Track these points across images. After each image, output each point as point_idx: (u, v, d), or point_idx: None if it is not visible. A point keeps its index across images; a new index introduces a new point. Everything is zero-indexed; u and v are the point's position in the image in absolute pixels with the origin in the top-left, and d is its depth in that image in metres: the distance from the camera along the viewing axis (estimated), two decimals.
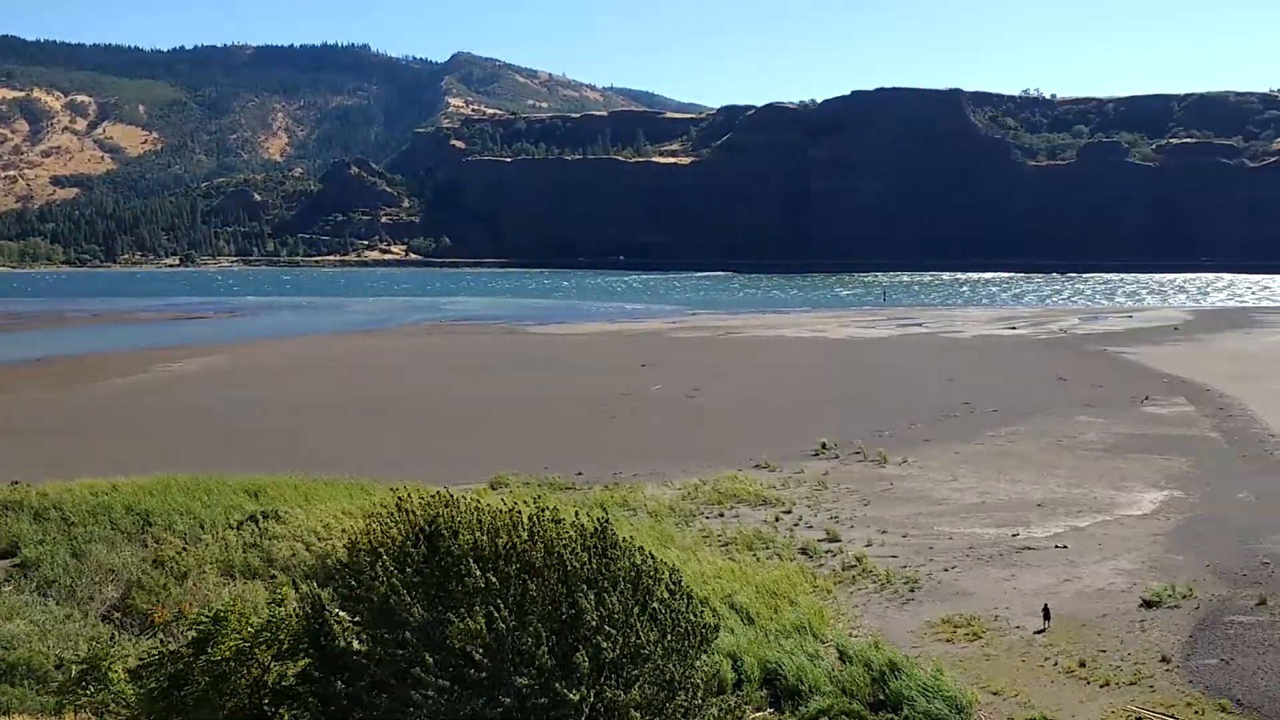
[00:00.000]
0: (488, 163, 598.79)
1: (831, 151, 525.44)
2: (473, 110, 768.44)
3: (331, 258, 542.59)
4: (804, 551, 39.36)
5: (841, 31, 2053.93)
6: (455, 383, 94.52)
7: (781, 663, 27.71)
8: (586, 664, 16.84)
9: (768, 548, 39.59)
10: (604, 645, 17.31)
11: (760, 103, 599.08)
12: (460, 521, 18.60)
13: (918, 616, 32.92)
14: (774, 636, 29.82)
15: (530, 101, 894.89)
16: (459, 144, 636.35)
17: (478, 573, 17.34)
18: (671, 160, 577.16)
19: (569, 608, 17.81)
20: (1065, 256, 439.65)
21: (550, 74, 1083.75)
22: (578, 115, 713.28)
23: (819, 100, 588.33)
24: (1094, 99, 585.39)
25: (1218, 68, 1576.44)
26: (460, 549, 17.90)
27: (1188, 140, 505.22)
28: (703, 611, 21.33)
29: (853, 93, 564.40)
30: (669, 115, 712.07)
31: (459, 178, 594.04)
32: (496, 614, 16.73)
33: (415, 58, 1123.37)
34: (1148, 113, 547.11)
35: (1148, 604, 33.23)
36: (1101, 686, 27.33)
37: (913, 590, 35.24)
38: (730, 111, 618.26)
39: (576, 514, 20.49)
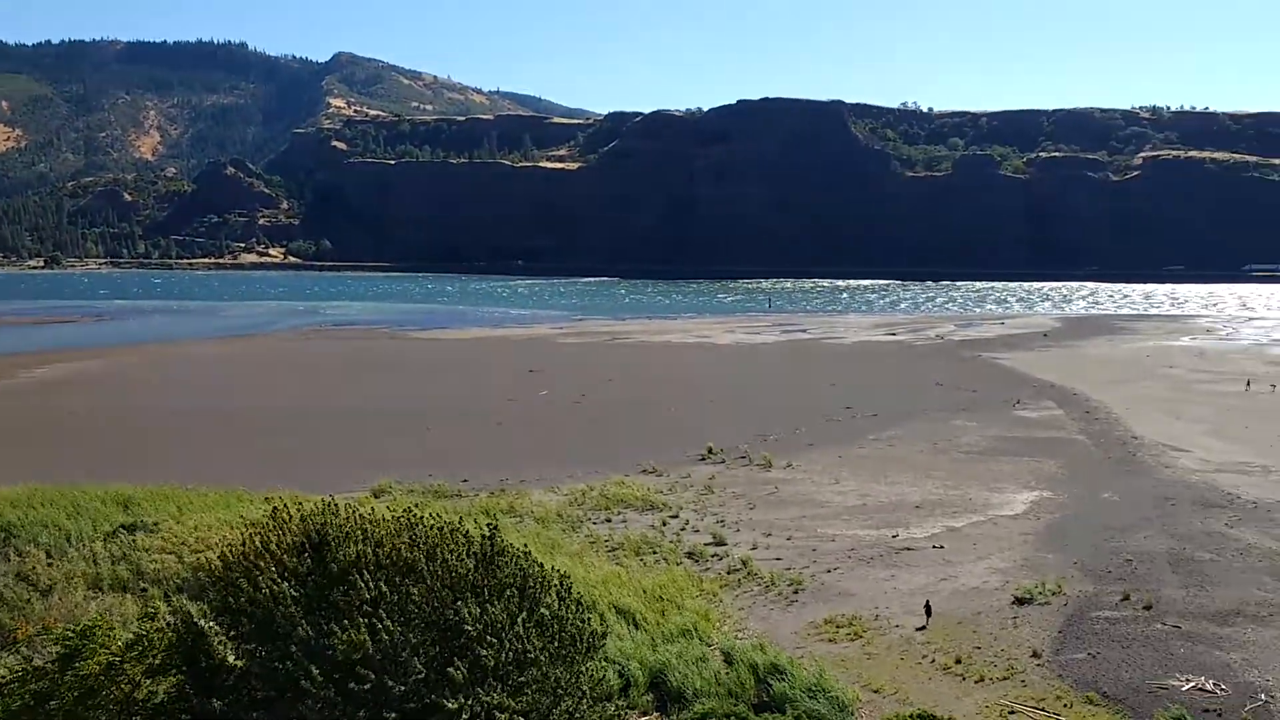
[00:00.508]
0: (371, 165, 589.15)
1: (718, 160, 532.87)
2: (355, 111, 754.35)
3: (206, 260, 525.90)
4: (691, 556, 39.57)
5: (727, 42, 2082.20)
6: (335, 389, 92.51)
7: (668, 666, 27.77)
8: (465, 672, 16.59)
9: (655, 552, 39.69)
10: (485, 653, 17.11)
11: (647, 110, 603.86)
12: (345, 531, 18.15)
13: (802, 617, 33.39)
14: (661, 641, 29.84)
15: (414, 104, 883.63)
16: (340, 145, 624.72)
17: (364, 583, 16.95)
18: (559, 165, 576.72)
19: (453, 615, 17.56)
20: (942, 265, 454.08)
21: (435, 76, 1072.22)
22: (463, 118, 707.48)
23: (705, 109, 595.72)
24: (969, 113, 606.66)
25: (1084, 85, 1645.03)
26: (345, 559, 17.47)
27: (1056, 154, 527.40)
28: (590, 618, 21.29)
29: (739, 102, 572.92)
30: (556, 120, 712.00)
31: (340, 180, 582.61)
32: (380, 624, 16.36)
33: (295, 57, 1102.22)
34: (1019, 127, 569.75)
35: (1020, 601, 34.37)
36: (977, 682, 28.13)
37: (797, 592, 35.74)
38: (618, 118, 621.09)
39: (461, 521, 20.19)
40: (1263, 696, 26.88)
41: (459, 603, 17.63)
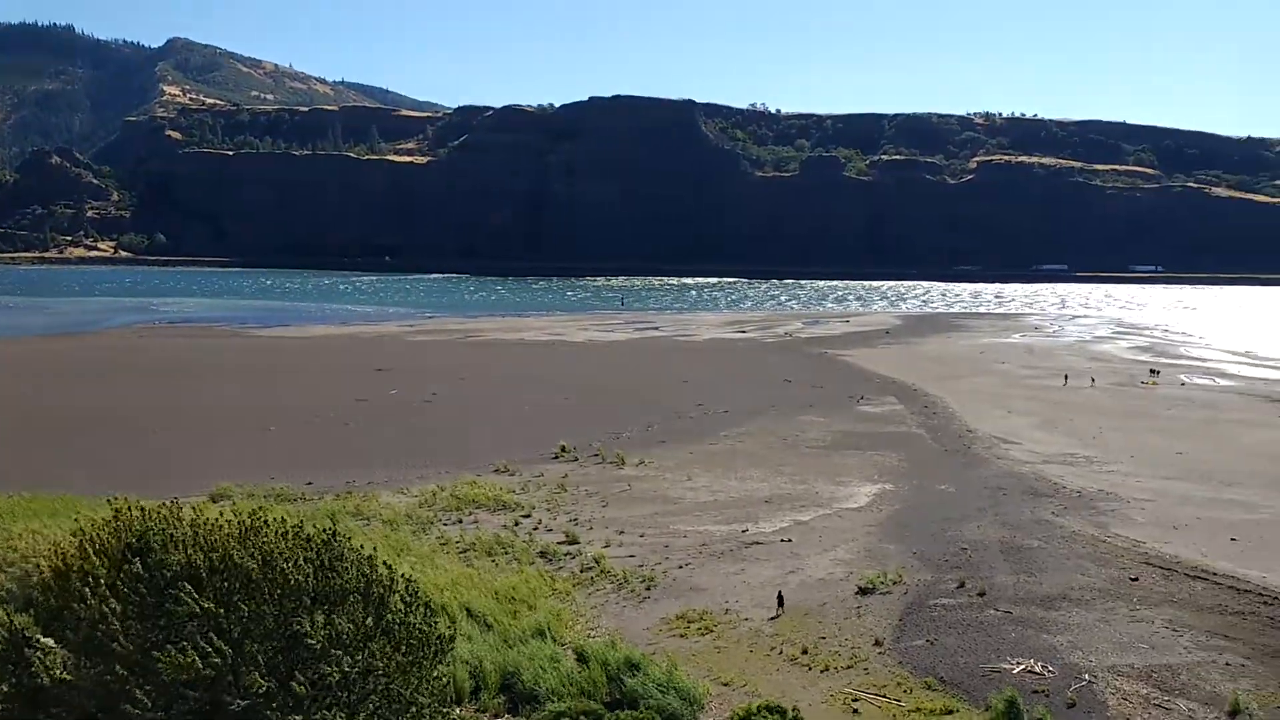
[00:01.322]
0: (208, 156, 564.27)
1: (570, 156, 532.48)
2: (190, 100, 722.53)
3: (29, 255, 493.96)
4: (543, 555, 39.39)
5: (580, 38, 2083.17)
6: (171, 389, 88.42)
7: (520, 667, 27.56)
8: (308, 686, 16.03)
9: (507, 553, 39.36)
10: (329, 665, 16.58)
11: (499, 104, 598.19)
12: (174, 537, 17.27)
13: (654, 614, 33.62)
14: (513, 642, 29.60)
15: (254, 93, 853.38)
16: (175, 135, 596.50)
17: (192, 597, 16.16)
18: (408, 159, 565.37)
19: (295, 625, 16.95)
20: (789, 263, 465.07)
21: (276, 64, 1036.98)
22: (306, 109, 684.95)
23: (557, 104, 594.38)
24: (815, 115, 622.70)
25: (922, 91, 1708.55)
26: (174, 568, 16.63)
27: (897, 157, 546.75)
28: (438, 622, 20.90)
29: (590, 98, 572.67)
30: (404, 113, 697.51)
31: (175, 171, 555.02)
32: (213, 641, 15.62)
33: (126, 41, 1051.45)
34: (862, 130, 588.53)
35: (863, 591, 35.45)
36: (822, 671, 28.86)
37: (649, 588, 35.97)
38: (468, 111, 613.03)
39: (301, 525, 19.50)
40: (1086, 677, 28.38)
41: (300, 612, 17.02)
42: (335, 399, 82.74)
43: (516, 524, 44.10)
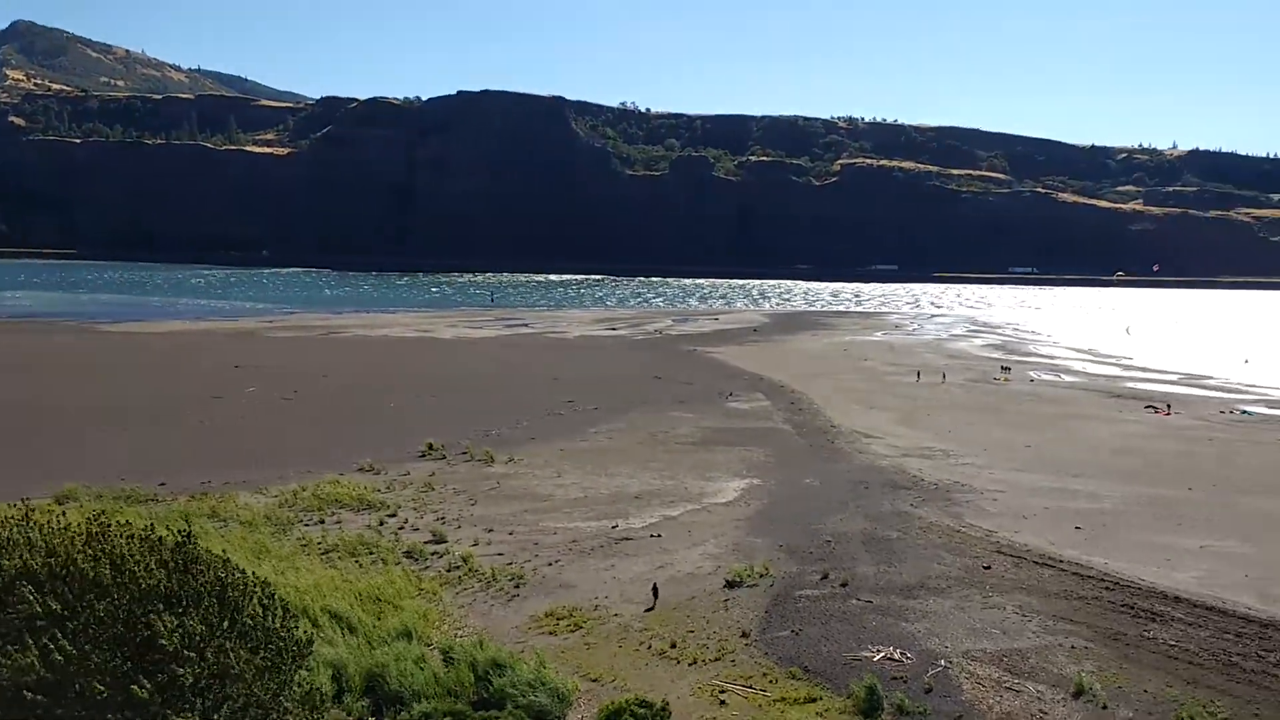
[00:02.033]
0: (53, 143, 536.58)
1: (438, 150, 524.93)
2: (35, 85, 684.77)
3: None
4: (409, 555, 38.69)
5: (447, 31, 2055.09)
6: (12, 387, 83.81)
7: (385, 669, 26.99)
8: (153, 690, 15.35)
9: (371, 553, 38.52)
10: (181, 670, 15.92)
11: (364, 96, 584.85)
12: (11, 540, 16.31)
13: (523, 612, 33.37)
14: (377, 643, 28.96)
15: (104, 79, 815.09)
16: (18, 121, 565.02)
17: (33, 595, 15.29)
18: (267, 150, 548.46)
19: (144, 629, 16.22)
20: (660, 261, 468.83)
21: (128, 50, 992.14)
22: (159, 96, 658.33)
23: (424, 98, 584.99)
24: (684, 115, 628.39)
25: (788, 94, 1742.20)
26: (9, 571, 15.70)
27: (764, 158, 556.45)
28: (297, 625, 20.34)
29: (459, 93, 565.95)
30: (264, 103, 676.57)
31: (19, 159, 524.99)
32: (54, 645, 14.82)
33: None
34: (731, 131, 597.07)
35: (731, 584, 35.89)
36: (690, 665, 29.09)
37: (518, 586, 35.69)
38: (331, 103, 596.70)
39: (152, 527, 18.67)
40: (942, 663, 29.33)
41: (151, 617, 16.29)
42: (190, 397, 79.70)
43: (381, 523, 43.22)
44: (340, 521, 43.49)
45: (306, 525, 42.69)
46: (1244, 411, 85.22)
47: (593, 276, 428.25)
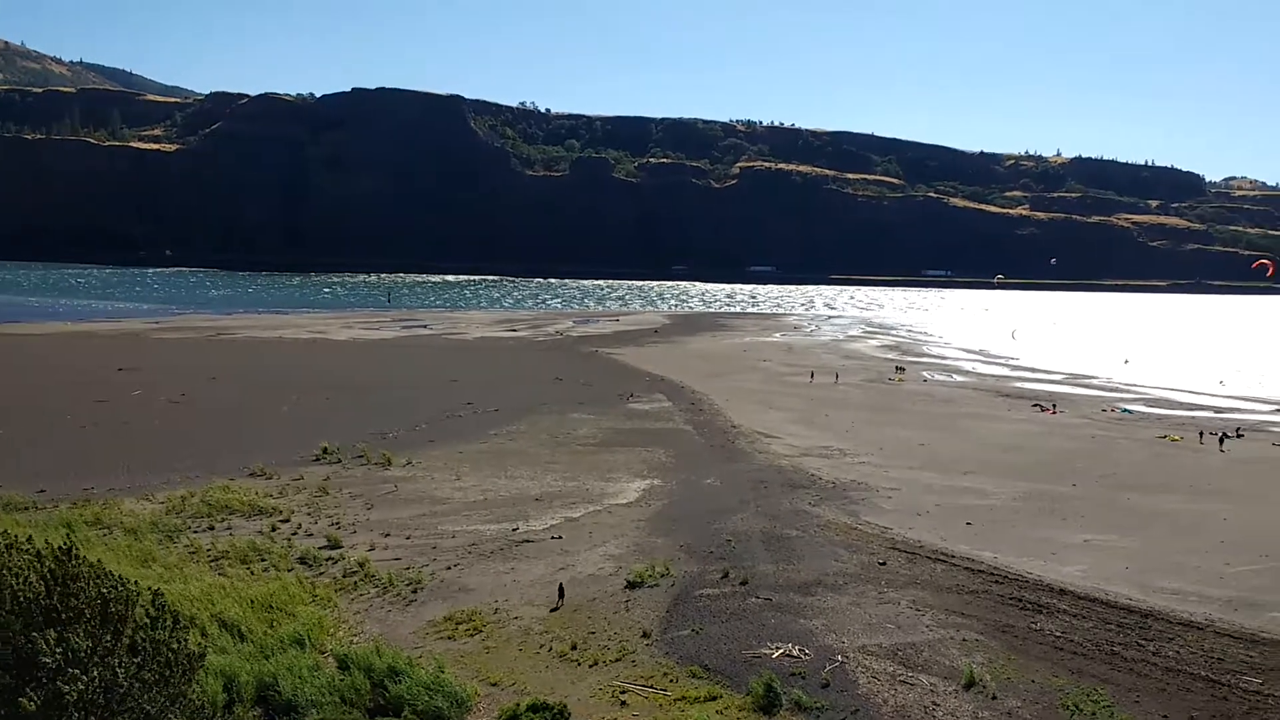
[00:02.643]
0: None
1: (333, 148, 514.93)
2: None
3: None
4: (303, 561, 37.79)
5: (341, 26, 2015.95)
6: None
7: (278, 678, 26.29)
8: (39, 704, 14.69)
9: (264, 560, 37.53)
10: (66, 685, 15.27)
11: (255, 91, 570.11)
12: None
13: (421, 617, 32.87)
14: (270, 652, 28.21)
15: None
16: None
17: None
18: (154, 146, 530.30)
19: (26, 644, 15.51)
20: (560, 262, 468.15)
21: (7, 42, 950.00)
22: (40, 90, 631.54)
23: (318, 95, 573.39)
24: (584, 116, 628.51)
25: (688, 96, 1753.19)
26: None
27: (665, 160, 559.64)
28: (186, 636, 19.72)
29: (354, 89, 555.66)
30: (151, 98, 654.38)
31: None
32: None
33: None
34: (631, 132, 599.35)
35: (632, 585, 35.90)
36: (591, 666, 28.99)
37: (416, 591, 35.14)
38: (221, 98, 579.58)
39: (30, 538, 17.85)
40: (839, 658, 29.76)
41: (31, 630, 15.59)
42: (72, 401, 76.63)
43: (274, 529, 42.14)
44: (231, 528, 42.28)
45: (195, 532, 41.39)
46: (1124, 410, 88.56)
47: (492, 277, 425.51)
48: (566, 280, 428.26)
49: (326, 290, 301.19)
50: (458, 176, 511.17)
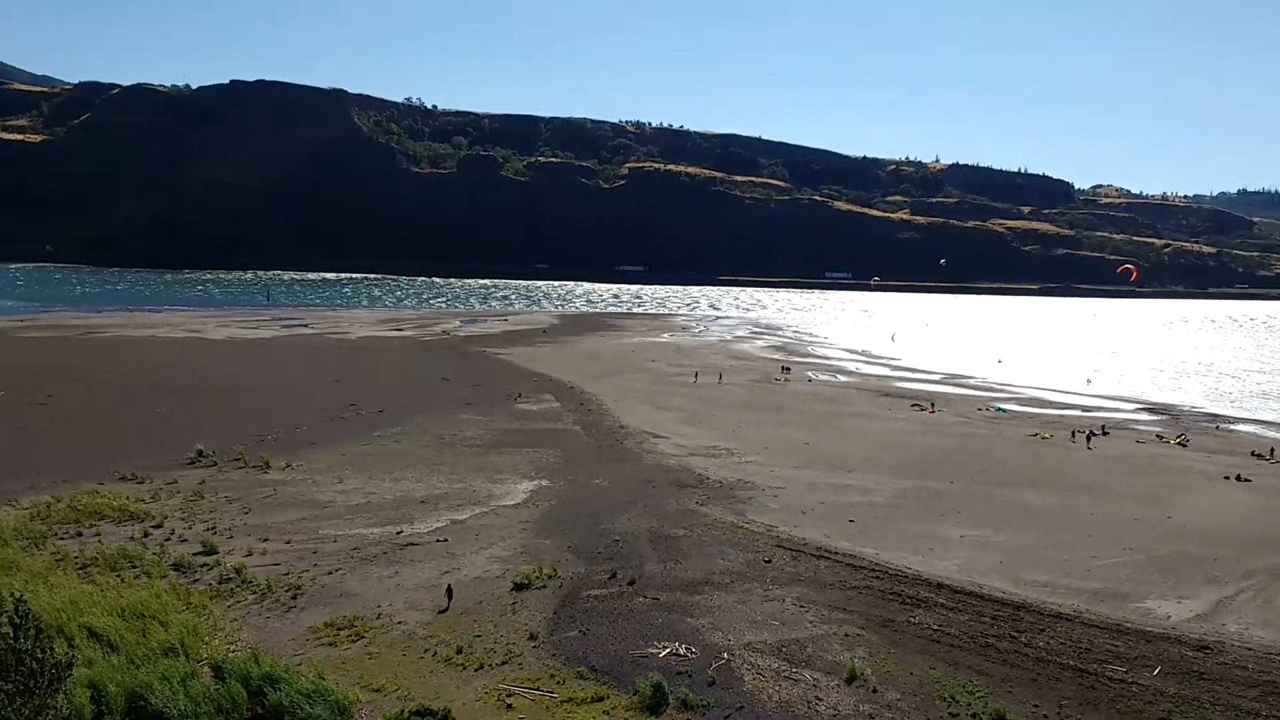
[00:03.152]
0: None
1: (209, 142, 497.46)
2: None
3: None
4: (177, 567, 36.53)
5: (219, 16, 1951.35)
6: None
7: (150, 689, 25.35)
8: None
9: (135, 566, 36.17)
10: None
11: (128, 82, 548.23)
12: None
13: (300, 623, 32.07)
14: (141, 661, 27.21)
15: None
16: None
17: None
18: (19, 137, 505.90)
19: None
20: (447, 260, 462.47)
21: None
22: None
23: (194, 86, 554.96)
24: (471, 113, 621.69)
25: (576, 96, 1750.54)
26: None
27: (553, 159, 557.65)
28: (53, 646, 18.94)
29: (232, 82, 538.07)
30: (16, 87, 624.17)
31: None
32: None
33: None
34: (519, 130, 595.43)
35: (519, 587, 35.64)
36: (477, 670, 28.69)
37: (295, 597, 34.28)
38: (91, 88, 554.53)
39: None
40: (725, 656, 30.06)
41: None
42: None
43: (146, 535, 40.64)
44: (100, 534, 40.62)
45: (62, 538, 39.66)
46: (999, 409, 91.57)
47: (376, 276, 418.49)
48: (453, 279, 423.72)
49: (202, 288, 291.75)
50: (341, 173, 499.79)
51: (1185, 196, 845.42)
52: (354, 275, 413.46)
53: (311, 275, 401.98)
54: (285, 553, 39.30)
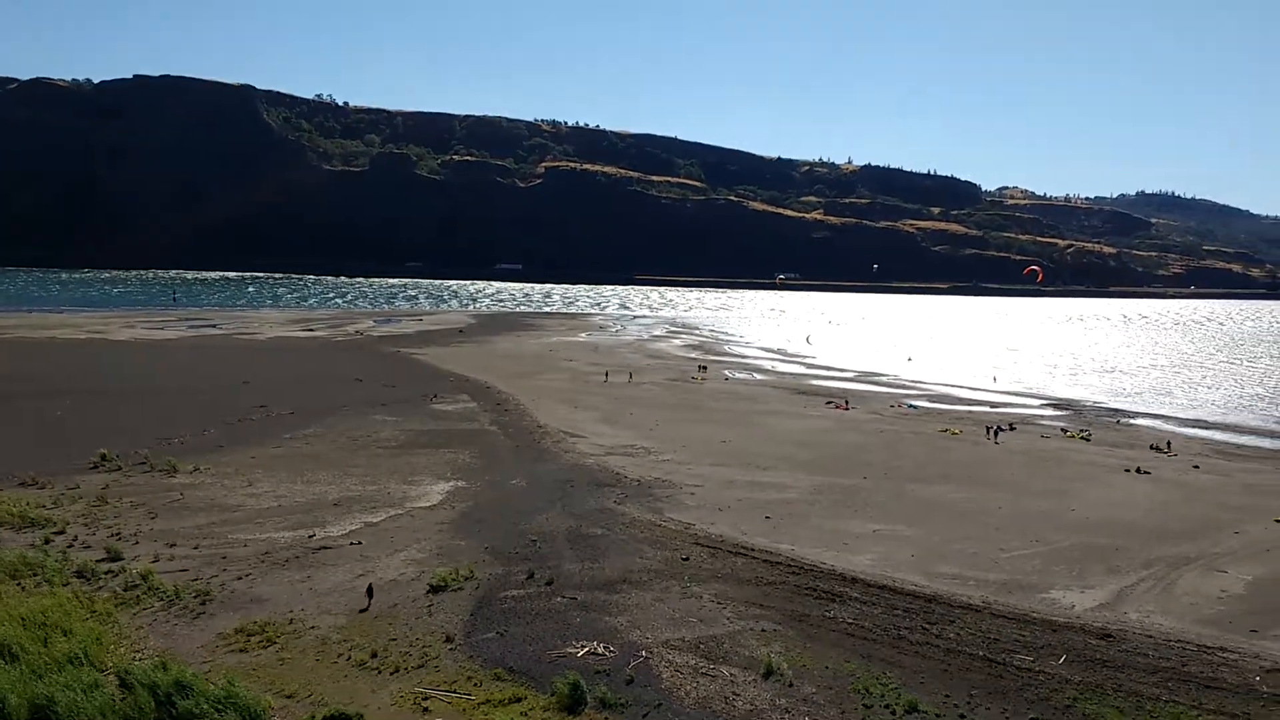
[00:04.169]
0: None
1: (113, 139, 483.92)
2: None
3: None
4: (81, 574, 35.40)
5: (123, 10, 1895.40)
6: None
7: (53, 699, 24.60)
8: None
9: (35, 574, 34.94)
10: None
11: (24, 75, 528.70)
12: None
13: (210, 630, 31.34)
14: (44, 671, 26.40)
15: None
16: None
17: None
18: None
19: None
20: (361, 259, 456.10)
21: None
22: None
23: (96, 80, 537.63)
24: (384, 110, 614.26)
25: (491, 95, 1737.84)
26: None
27: (469, 158, 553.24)
28: None
29: (136, 76, 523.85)
30: None
31: None
32: None
33: None
34: (433, 129, 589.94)
35: (435, 589, 35.29)
36: (392, 673, 28.34)
37: (204, 603, 33.48)
38: None
39: None
40: (643, 653, 30.14)
41: None
42: None
43: (47, 541, 39.31)
44: None
45: None
46: (910, 405, 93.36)
47: (287, 275, 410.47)
48: (367, 278, 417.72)
49: (105, 288, 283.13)
50: (250, 171, 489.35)
51: (1087, 198, 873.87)
52: (265, 275, 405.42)
53: (221, 275, 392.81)
54: (194, 558, 38.36)
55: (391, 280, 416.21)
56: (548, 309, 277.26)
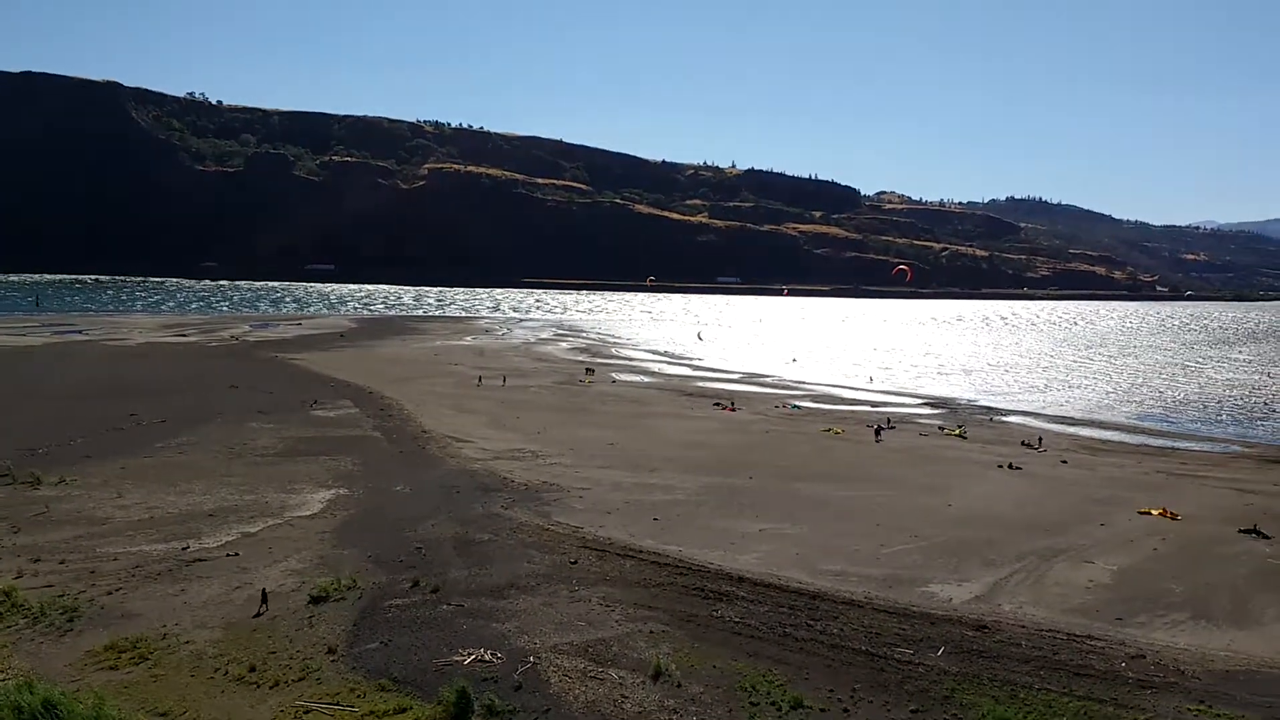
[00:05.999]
0: None
1: None
2: None
3: None
4: None
5: None
6: None
7: None
8: None
9: None
10: None
11: None
12: None
13: (78, 647, 29.98)
14: None
15: None
16: None
17: None
18: None
19: None
20: (235, 263, 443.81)
21: None
22: None
23: None
24: (260, 110, 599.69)
25: (372, 95, 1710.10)
26: None
27: (348, 159, 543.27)
28: None
29: None
30: None
31: None
32: None
33: None
34: (311, 129, 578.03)
35: (316, 600, 34.41)
36: (272, 688, 27.53)
37: (71, 620, 32.02)
38: None
39: None
40: (531, 659, 29.91)
41: None
42: None
43: None
44: None
45: None
46: (794, 406, 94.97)
47: (158, 279, 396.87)
48: (241, 282, 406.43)
49: None
50: (117, 171, 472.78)
51: (960, 203, 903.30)
52: (134, 278, 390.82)
53: (88, 279, 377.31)
54: (60, 573, 36.68)
55: (269, 284, 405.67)
56: (433, 313, 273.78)
